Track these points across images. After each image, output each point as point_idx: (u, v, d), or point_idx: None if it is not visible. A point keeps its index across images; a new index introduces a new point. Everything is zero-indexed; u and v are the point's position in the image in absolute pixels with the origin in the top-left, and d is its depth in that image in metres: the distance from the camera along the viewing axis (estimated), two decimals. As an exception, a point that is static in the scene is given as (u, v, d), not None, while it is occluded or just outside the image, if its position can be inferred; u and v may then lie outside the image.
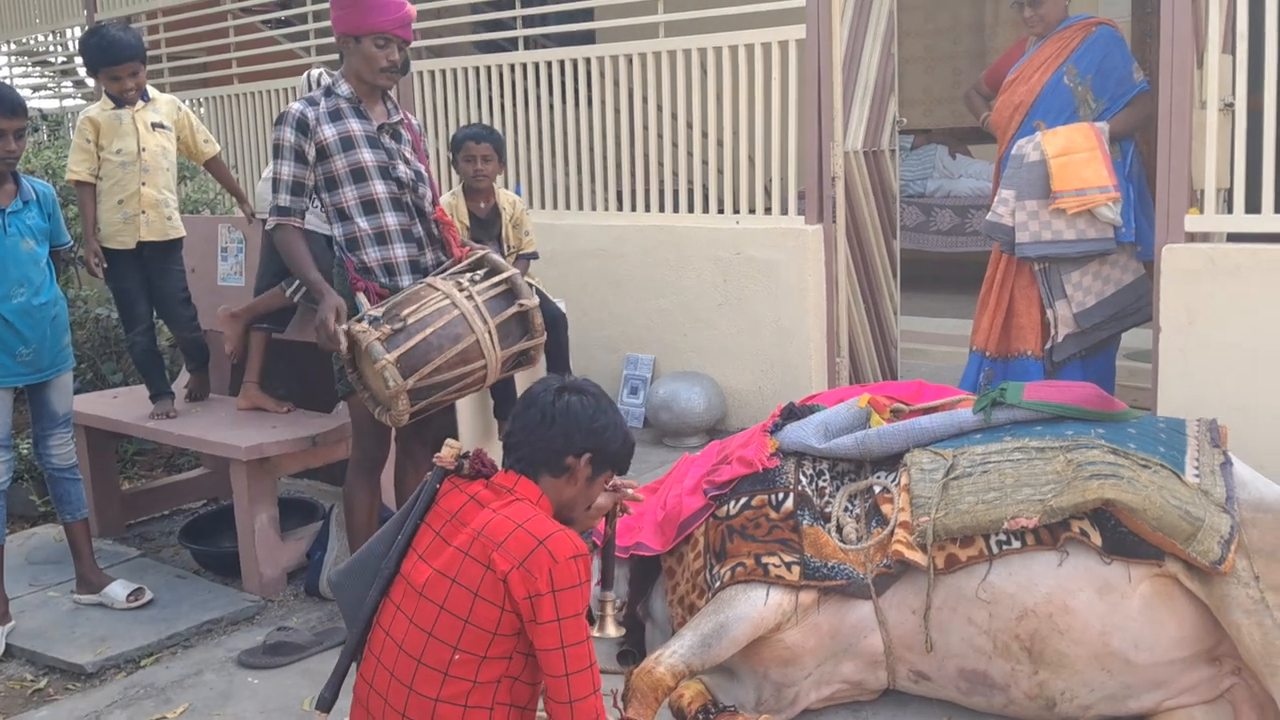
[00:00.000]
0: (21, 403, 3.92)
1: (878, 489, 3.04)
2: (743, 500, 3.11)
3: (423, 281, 3.38)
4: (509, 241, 4.78)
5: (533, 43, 6.83)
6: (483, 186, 4.70)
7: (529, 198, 6.40)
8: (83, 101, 9.64)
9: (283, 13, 8.11)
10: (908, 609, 2.90)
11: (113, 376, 5.86)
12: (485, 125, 4.88)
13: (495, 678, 2.25)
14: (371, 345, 3.12)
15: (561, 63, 6.16)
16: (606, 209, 6.19)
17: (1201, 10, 4.04)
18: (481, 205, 4.74)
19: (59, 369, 3.88)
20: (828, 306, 5.35)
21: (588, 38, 6.74)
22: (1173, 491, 2.72)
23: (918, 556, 2.84)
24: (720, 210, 5.76)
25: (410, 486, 3.58)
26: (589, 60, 6.09)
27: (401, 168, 3.48)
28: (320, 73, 4.37)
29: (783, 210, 5.51)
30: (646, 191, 5.99)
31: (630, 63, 5.93)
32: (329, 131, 3.41)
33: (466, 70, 6.56)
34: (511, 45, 6.54)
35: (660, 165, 5.97)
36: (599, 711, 2.23)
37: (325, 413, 4.36)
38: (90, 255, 4.34)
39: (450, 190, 4.90)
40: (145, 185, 4.36)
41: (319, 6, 7.21)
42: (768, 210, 5.61)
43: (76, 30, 9.52)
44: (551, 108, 6.27)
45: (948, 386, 3.64)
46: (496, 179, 4.80)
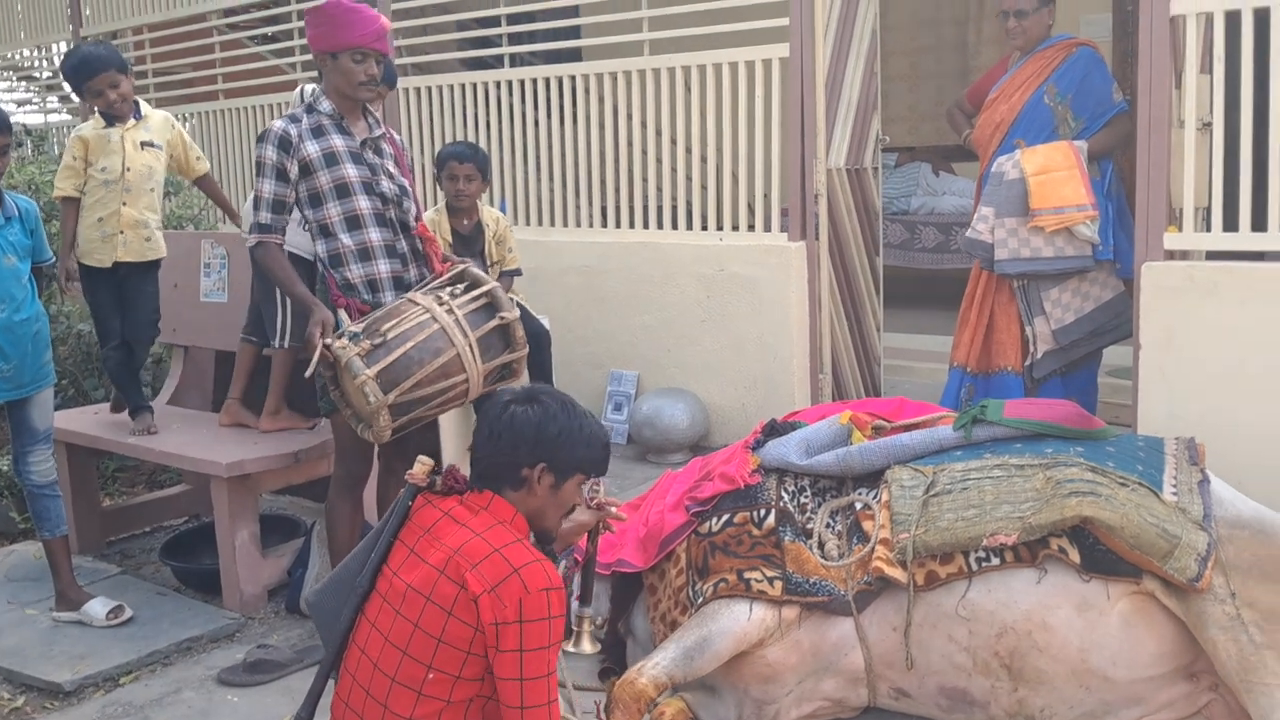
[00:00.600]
0: (1, 419, 3.90)
1: (859, 505, 3.05)
2: (725, 517, 3.11)
3: (403, 297, 3.38)
4: (492, 258, 4.78)
5: (518, 60, 6.84)
6: (465, 206, 4.72)
7: (514, 214, 6.41)
8: (68, 117, 9.62)
9: (268, 29, 8.11)
10: (888, 626, 2.90)
11: (95, 392, 5.83)
12: (470, 144, 4.89)
13: (468, 698, 2.24)
14: (351, 361, 3.12)
15: (547, 80, 6.18)
16: (591, 226, 6.20)
17: (1180, 31, 4.08)
18: (464, 222, 4.75)
19: (40, 385, 3.87)
20: (811, 323, 5.36)
21: (573, 55, 6.76)
22: (1150, 509, 2.73)
23: (898, 573, 2.85)
24: (704, 227, 5.78)
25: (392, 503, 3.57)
26: (574, 78, 6.12)
27: (385, 183, 3.49)
28: (314, 88, 4.38)
29: (766, 227, 5.53)
30: (631, 208, 6.01)
31: (615, 80, 5.96)
32: (312, 148, 3.41)
33: (453, 87, 6.57)
34: (498, 62, 6.56)
35: (644, 182, 5.99)
36: None
37: (309, 426, 4.35)
38: (63, 272, 4.33)
39: (434, 206, 4.91)
40: (126, 205, 4.34)
41: (304, 23, 7.20)
42: (751, 227, 5.63)
43: (62, 45, 9.51)
44: (537, 124, 6.29)
45: (929, 404, 3.66)
46: (481, 196, 4.81)
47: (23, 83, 10.73)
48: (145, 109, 4.49)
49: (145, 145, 4.40)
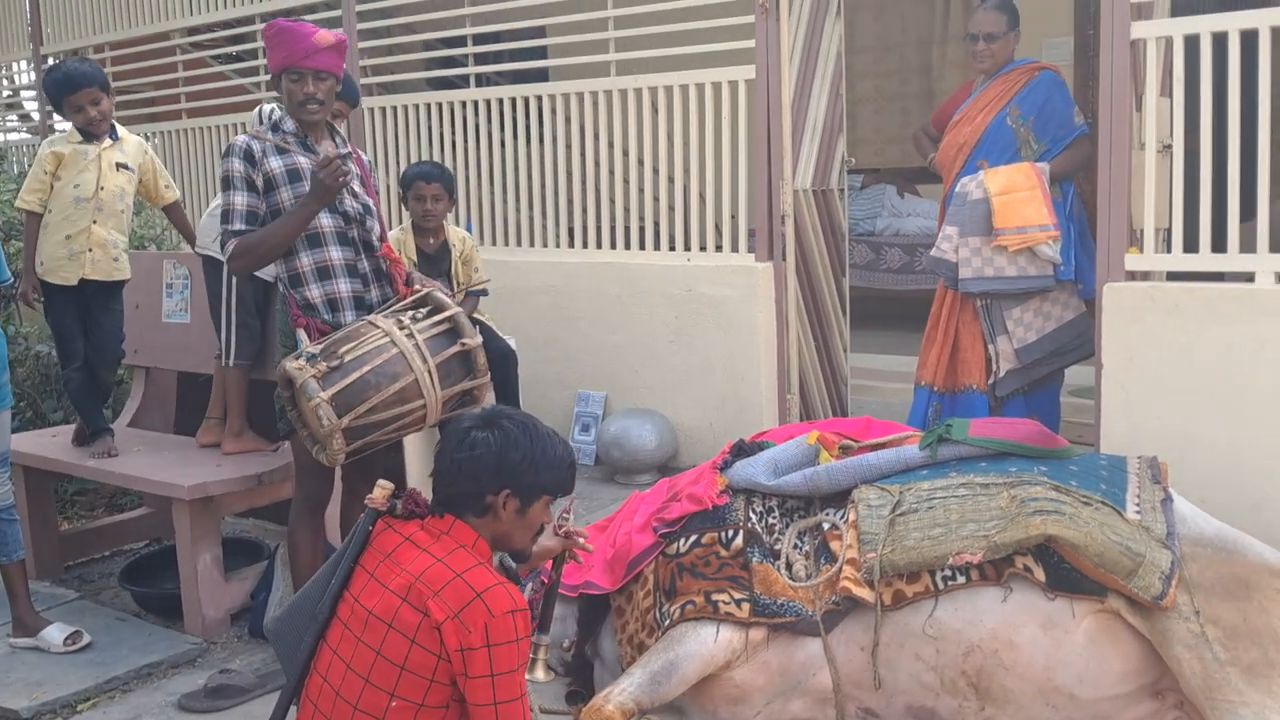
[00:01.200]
0: (-44, 441, 3.84)
1: (826, 526, 3.05)
2: (692, 538, 3.10)
3: (363, 319, 3.35)
4: (458, 278, 4.76)
5: (485, 80, 6.84)
6: (432, 226, 4.70)
7: (480, 234, 6.40)
8: (28, 136, 9.52)
9: (232, 48, 8.07)
10: (856, 646, 2.90)
11: (53, 415, 5.75)
12: (436, 163, 4.87)
13: (432, 726, 2.22)
14: (306, 383, 3.08)
15: (514, 100, 6.18)
16: (558, 246, 6.20)
17: (1140, 55, 4.13)
18: (430, 241, 4.73)
19: (-4, 407, 3.81)
20: (778, 343, 5.38)
21: (540, 75, 6.77)
22: (1114, 528, 2.75)
23: (865, 593, 2.85)
24: (671, 247, 5.78)
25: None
26: (540, 98, 6.12)
27: (348, 201, 3.47)
28: (273, 107, 4.36)
29: (734, 248, 5.55)
30: (598, 228, 6.01)
31: (582, 100, 5.96)
32: (275, 164, 3.39)
33: (419, 107, 6.56)
34: (464, 82, 6.55)
35: (612, 202, 5.99)
36: None
37: (273, 448, 4.31)
38: (29, 289, 4.28)
39: (400, 226, 4.89)
40: (96, 224, 4.30)
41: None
42: (718, 248, 5.64)
43: (22, 64, 9.42)
44: (503, 144, 6.29)
45: (895, 423, 3.67)
46: (447, 216, 4.79)
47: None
48: (122, 131, 4.47)
49: (120, 167, 4.37)
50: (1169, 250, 4.16)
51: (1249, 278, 3.98)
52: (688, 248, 5.69)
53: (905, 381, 5.44)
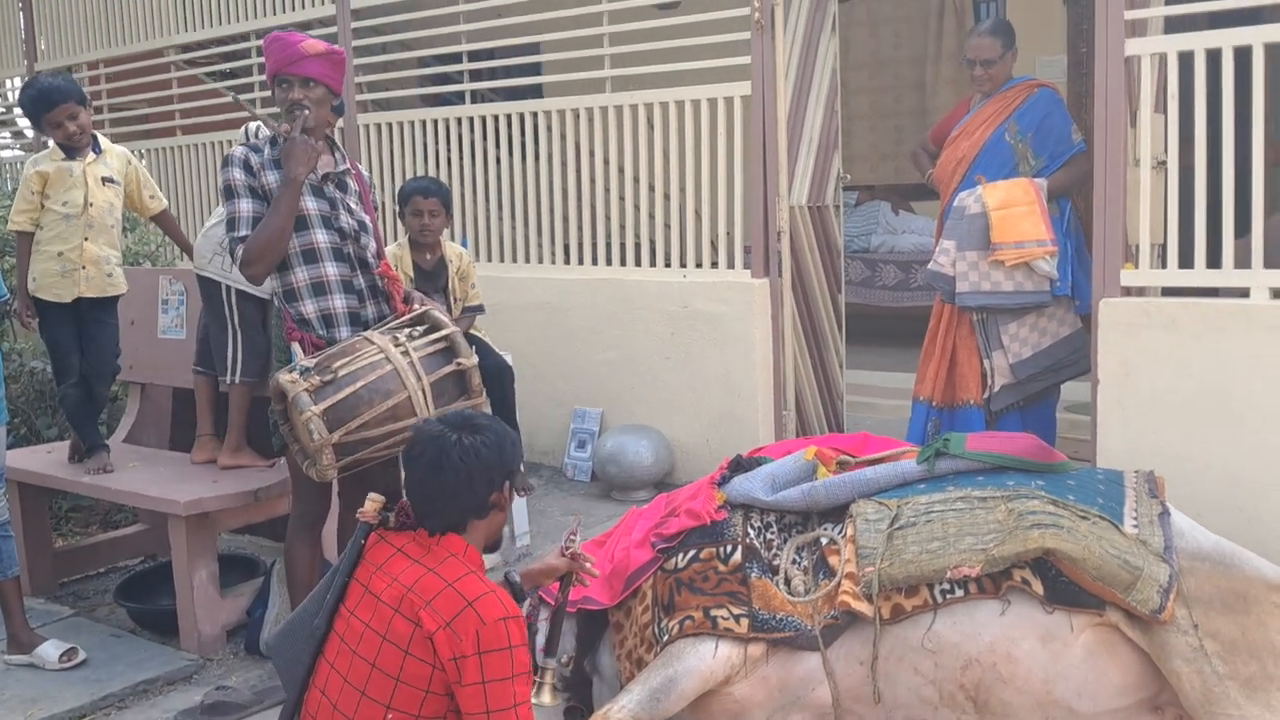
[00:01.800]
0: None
1: (824, 540, 3.05)
2: (691, 553, 3.09)
3: (359, 335, 3.34)
4: (455, 294, 4.76)
5: (480, 96, 6.86)
6: (429, 241, 4.70)
7: (476, 251, 6.41)
8: (20, 153, 9.52)
9: (227, 65, 8.08)
10: (855, 660, 2.89)
11: (48, 431, 5.73)
12: (433, 179, 4.88)
13: (429, 737, 2.21)
14: (299, 396, 3.07)
15: (509, 116, 6.19)
16: (554, 262, 6.20)
17: (1134, 72, 4.16)
18: (427, 257, 4.73)
19: (-9, 423, 3.80)
20: (774, 359, 5.38)
21: (535, 92, 6.79)
22: (1111, 541, 2.75)
23: (864, 607, 2.85)
24: (667, 264, 5.80)
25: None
26: (536, 114, 6.14)
27: (344, 218, 3.47)
28: (258, 125, 4.36)
29: (729, 264, 5.56)
30: (594, 245, 6.02)
31: (577, 117, 5.98)
32: (272, 177, 3.40)
33: (414, 123, 6.57)
34: (459, 99, 6.57)
35: (608, 219, 6.01)
36: None
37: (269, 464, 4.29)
38: (23, 308, 4.27)
39: (397, 241, 4.89)
40: (88, 240, 4.30)
41: (263, 59, 7.19)
42: (714, 264, 5.66)
43: (16, 81, 9.43)
44: (499, 161, 6.30)
45: (892, 438, 3.67)
46: (444, 231, 4.79)
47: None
48: (104, 144, 4.45)
49: (106, 181, 4.36)
50: (1164, 266, 4.17)
51: (1244, 293, 4.00)
52: (684, 264, 5.71)
53: (901, 398, 5.45)
